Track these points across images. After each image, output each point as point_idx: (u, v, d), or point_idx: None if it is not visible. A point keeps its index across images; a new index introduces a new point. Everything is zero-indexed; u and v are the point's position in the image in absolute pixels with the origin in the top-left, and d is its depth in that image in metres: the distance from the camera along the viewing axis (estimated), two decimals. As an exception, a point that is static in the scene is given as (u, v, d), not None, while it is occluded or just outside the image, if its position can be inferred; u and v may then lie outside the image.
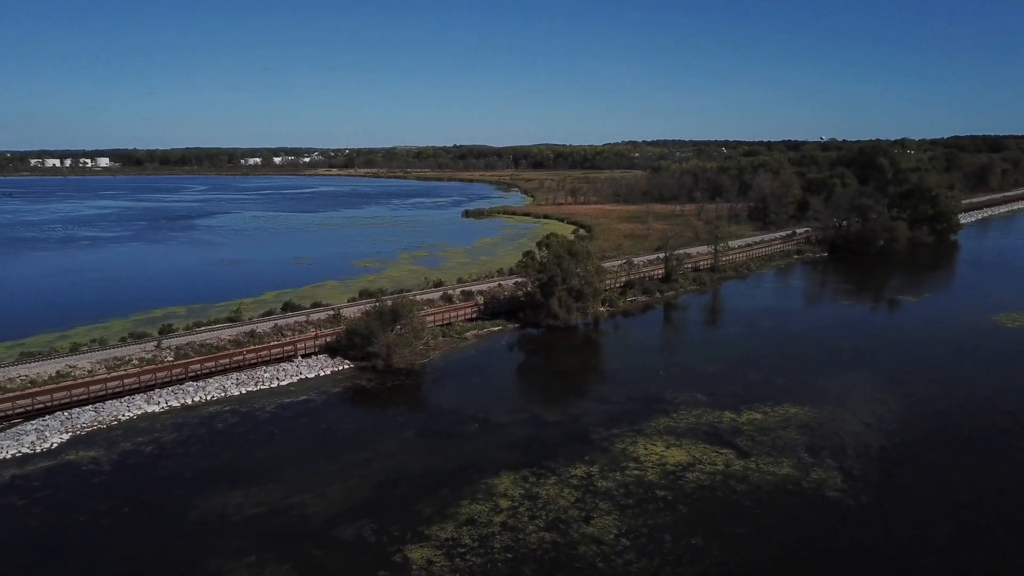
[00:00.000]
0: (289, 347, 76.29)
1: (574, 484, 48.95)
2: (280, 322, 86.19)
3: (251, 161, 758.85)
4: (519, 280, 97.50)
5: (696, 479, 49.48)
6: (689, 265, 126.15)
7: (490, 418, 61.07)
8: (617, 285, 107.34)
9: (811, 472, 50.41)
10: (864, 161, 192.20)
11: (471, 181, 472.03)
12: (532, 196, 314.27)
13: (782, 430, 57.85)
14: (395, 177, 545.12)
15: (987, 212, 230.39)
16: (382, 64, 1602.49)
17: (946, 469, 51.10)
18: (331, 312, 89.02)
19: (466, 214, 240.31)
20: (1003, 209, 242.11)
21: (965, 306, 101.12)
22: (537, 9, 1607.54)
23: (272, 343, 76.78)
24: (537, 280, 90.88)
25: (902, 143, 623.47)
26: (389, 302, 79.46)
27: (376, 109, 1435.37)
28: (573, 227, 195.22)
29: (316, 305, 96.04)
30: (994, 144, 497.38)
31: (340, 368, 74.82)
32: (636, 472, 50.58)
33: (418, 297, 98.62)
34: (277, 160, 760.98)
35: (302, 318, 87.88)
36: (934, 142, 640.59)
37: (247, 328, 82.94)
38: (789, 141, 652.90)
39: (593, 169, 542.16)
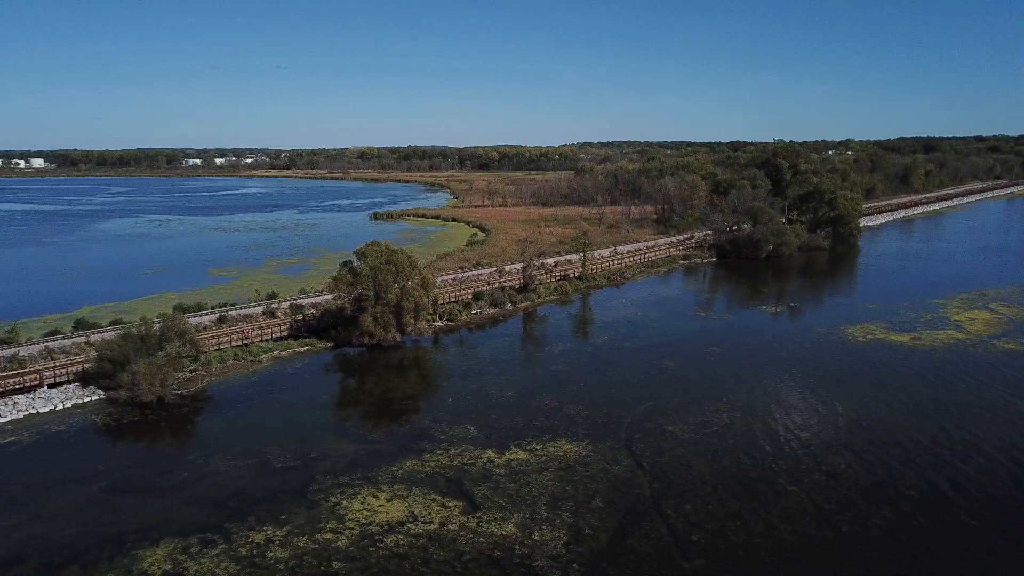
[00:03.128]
0: (32, 376, 66.60)
1: (240, 555, 40.52)
2: (55, 344, 76.42)
3: (191, 162, 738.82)
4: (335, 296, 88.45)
5: (393, 544, 41.38)
6: (558, 274, 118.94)
7: (209, 463, 52.42)
8: (461, 297, 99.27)
9: (535, 532, 42.63)
10: (764, 162, 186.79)
11: (408, 182, 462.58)
12: (458, 197, 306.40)
13: (539, 474, 50.13)
14: (333, 178, 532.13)
15: (902, 213, 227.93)
16: (335, 64, 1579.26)
17: (698, 526, 43.69)
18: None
19: (375, 217, 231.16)
20: (919, 211, 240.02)
21: (824, 317, 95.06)
22: (494, 9, 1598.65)
23: (8, 372, 66.91)
24: (348, 295, 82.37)
25: (846, 144, 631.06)
26: (156, 325, 70.21)
27: (329, 110, 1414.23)
28: (476, 230, 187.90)
29: (116, 323, 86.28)
30: (929, 146, 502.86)
31: (88, 400, 65.45)
32: (328, 536, 42.33)
33: (233, 313, 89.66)
34: (219, 161, 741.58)
35: (82, 339, 78.21)
36: (877, 143, 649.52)
37: (7, 352, 73.01)
38: (737, 142, 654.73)
39: (537, 170, 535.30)
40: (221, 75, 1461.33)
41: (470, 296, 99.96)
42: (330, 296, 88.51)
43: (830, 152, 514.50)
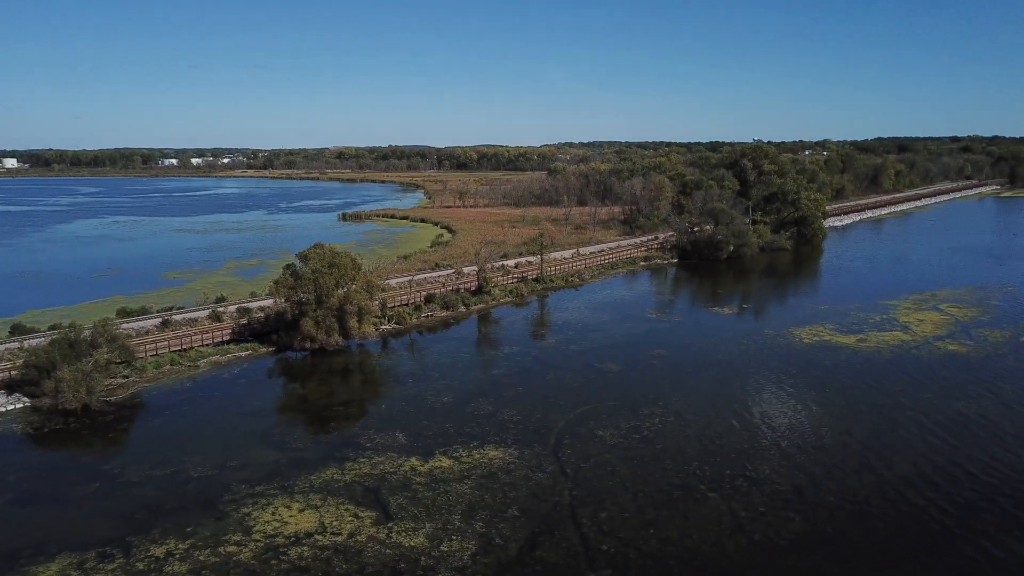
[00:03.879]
0: (-47, 384, 64.92)
1: (137, 570, 39.41)
2: (-16, 349, 74.66)
3: (167, 162, 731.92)
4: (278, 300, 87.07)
5: (297, 557, 40.43)
6: (517, 276, 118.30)
7: (124, 474, 51.21)
8: (412, 300, 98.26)
9: (444, 543, 41.85)
10: (732, 163, 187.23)
11: (384, 182, 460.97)
12: (431, 198, 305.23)
13: (459, 482, 49.35)
14: (310, 179, 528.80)
15: (870, 213, 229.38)
16: (316, 64, 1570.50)
17: (610, 535, 43.07)
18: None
19: (343, 218, 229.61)
20: (887, 211, 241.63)
21: (775, 319, 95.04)
22: (477, 8, 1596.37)
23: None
24: (288, 298, 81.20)
25: (823, 144, 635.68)
26: (86, 330, 68.75)
27: (310, 110, 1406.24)
28: (443, 231, 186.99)
29: (55, 328, 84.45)
30: (903, 146, 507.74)
31: (12, 408, 63.87)
32: (231, 549, 41.32)
33: (177, 317, 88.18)
34: (195, 161, 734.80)
35: (16, 345, 76.47)
36: (853, 143, 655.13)
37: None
38: (716, 142, 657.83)
39: (516, 171, 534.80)
40: (200, 74, 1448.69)
41: (422, 299, 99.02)
42: (281, 300, 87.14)
43: (807, 152, 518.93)
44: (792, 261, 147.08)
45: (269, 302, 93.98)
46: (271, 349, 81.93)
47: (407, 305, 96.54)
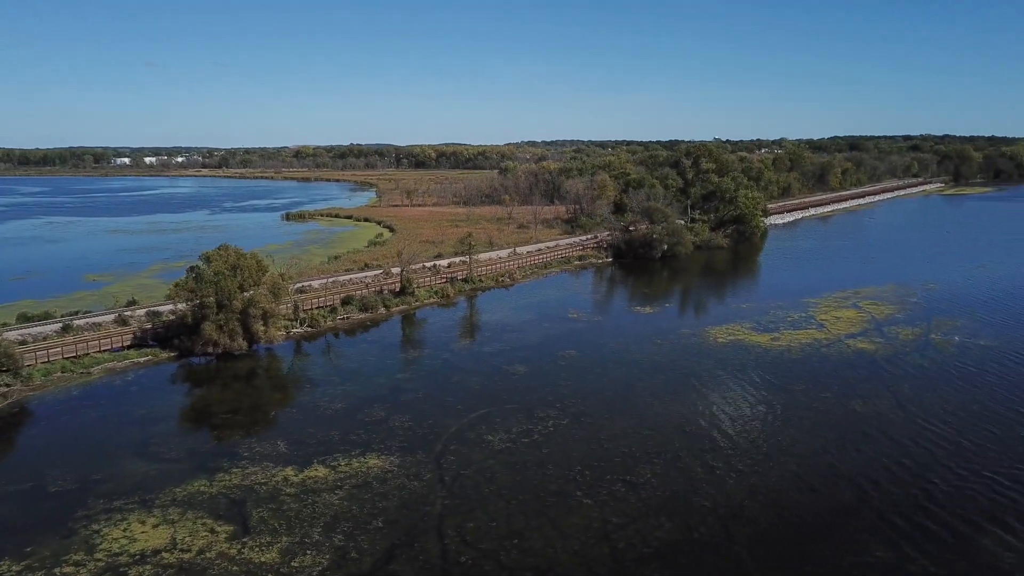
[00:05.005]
0: None
1: (-41, 595, 37.14)
2: None
3: (120, 161, 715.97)
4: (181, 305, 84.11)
5: (136, 577, 38.46)
6: (445, 276, 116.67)
7: (-21, 490, 48.60)
8: (329, 302, 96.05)
9: (297, 558, 40.18)
10: (676, 162, 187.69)
11: (339, 181, 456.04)
12: (381, 196, 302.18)
13: (330, 492, 47.68)
14: (265, 178, 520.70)
15: (813, 211, 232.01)
16: (277, 62, 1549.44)
17: (472, 546, 41.76)
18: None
19: (287, 217, 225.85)
20: (829, 209, 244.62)
21: (694, 318, 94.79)
22: (440, 4, 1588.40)
23: None
24: (188, 301, 78.68)
25: (779, 143, 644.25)
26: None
27: (272, 109, 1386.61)
28: (384, 230, 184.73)
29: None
30: (854, 145, 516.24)
31: None
32: (68, 570, 39.16)
33: (80, 322, 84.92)
34: (149, 160, 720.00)
35: None
36: (809, 142, 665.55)
37: None
38: (674, 141, 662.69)
39: (474, 169, 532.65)
40: (158, 72, 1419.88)
41: (339, 301, 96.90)
42: (181, 304, 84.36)
43: (762, 151, 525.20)
44: (728, 259, 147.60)
45: (184, 305, 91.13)
46: (173, 355, 79.29)
47: (322, 307, 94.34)
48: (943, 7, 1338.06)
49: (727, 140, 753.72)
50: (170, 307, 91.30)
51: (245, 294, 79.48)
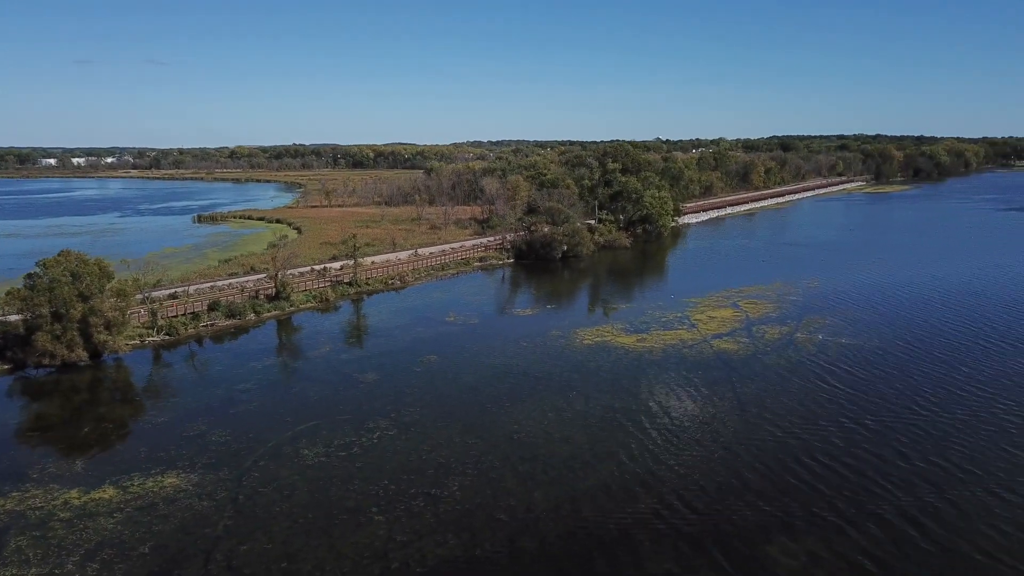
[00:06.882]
0: None
1: None
2: None
3: (46, 162, 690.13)
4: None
5: None
6: (330, 279, 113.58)
7: None
8: (194, 309, 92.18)
9: (37, 591, 37.17)
10: (579, 163, 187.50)
11: (270, 182, 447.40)
12: (304, 197, 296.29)
13: (108, 516, 44.69)
14: (196, 179, 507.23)
15: (729, 210, 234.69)
16: (218, 61, 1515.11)
17: (237, 571, 39.26)
18: None
19: (198, 219, 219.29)
20: (746, 208, 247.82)
21: (569, 319, 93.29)
22: (381, 1, 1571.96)
23: None
24: (21, 311, 74.33)
25: (717, 142, 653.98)
26: None
27: (212, 108, 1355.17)
28: (295, 232, 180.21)
29: None
30: (785, 144, 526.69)
31: None
32: None
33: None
34: (77, 161, 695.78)
35: None
36: (746, 141, 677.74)
37: None
38: (616, 141, 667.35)
39: (412, 169, 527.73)
40: (89, 70, 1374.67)
41: (205, 307, 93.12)
42: (13, 315, 79.74)
43: (699, 150, 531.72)
44: (631, 260, 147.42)
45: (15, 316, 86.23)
46: (7, 367, 74.77)
47: (186, 314, 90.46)
48: (887, 10, 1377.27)
49: (667, 140, 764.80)
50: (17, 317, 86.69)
51: (86, 304, 75.30)
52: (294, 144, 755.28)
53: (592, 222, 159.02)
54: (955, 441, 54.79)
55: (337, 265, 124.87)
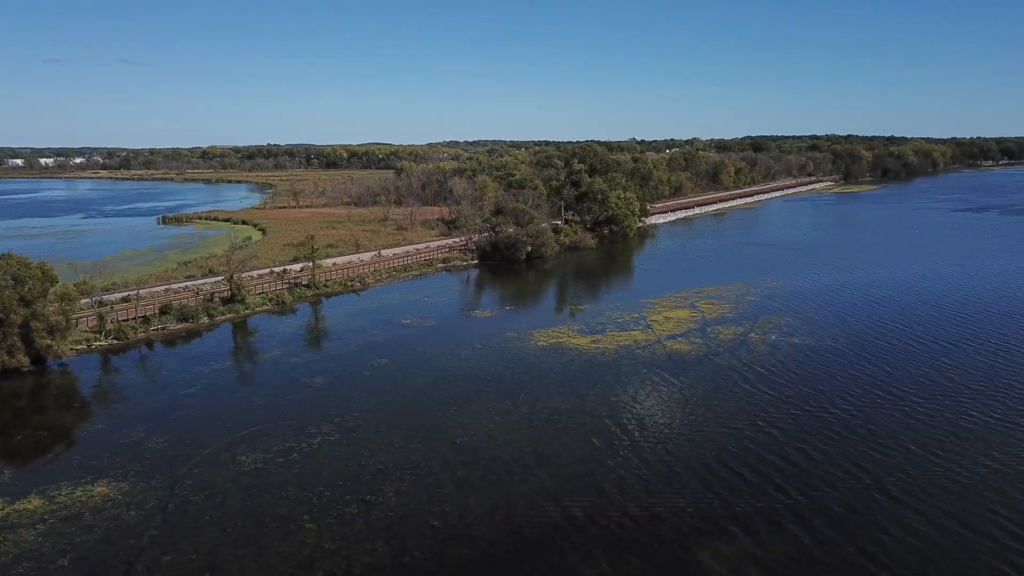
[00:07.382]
0: None
1: None
2: None
3: (12, 163, 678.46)
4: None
5: None
6: (288, 281, 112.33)
7: None
8: (144, 313, 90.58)
9: (-54, 607, 36.05)
10: (564, 163, 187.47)
11: (241, 182, 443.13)
12: (272, 198, 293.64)
13: (28, 528, 43.56)
14: (167, 179, 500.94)
15: (698, 210, 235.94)
16: (190, 59, 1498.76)
17: (158, 580, 38.37)
18: None
19: (163, 221, 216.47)
20: (714, 208, 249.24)
21: (526, 321, 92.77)
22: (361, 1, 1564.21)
23: None
24: (-43, 317, 72.59)
25: (691, 143, 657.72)
26: None
27: (188, 108, 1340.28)
28: (260, 233, 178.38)
29: None
30: (757, 145, 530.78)
31: None
32: None
33: None
34: (44, 162, 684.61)
35: None
36: (720, 141, 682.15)
37: None
38: (592, 141, 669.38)
39: (386, 169, 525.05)
40: (59, 69, 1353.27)
41: (156, 310, 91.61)
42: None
43: (672, 150, 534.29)
44: (597, 260, 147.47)
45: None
46: (-57, 374, 72.98)
47: (136, 318, 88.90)
48: (865, 11, 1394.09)
49: (642, 140, 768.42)
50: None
51: (27, 309, 73.66)
52: (268, 144, 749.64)
53: (558, 223, 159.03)
54: (901, 437, 55.05)
55: (297, 267, 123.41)
